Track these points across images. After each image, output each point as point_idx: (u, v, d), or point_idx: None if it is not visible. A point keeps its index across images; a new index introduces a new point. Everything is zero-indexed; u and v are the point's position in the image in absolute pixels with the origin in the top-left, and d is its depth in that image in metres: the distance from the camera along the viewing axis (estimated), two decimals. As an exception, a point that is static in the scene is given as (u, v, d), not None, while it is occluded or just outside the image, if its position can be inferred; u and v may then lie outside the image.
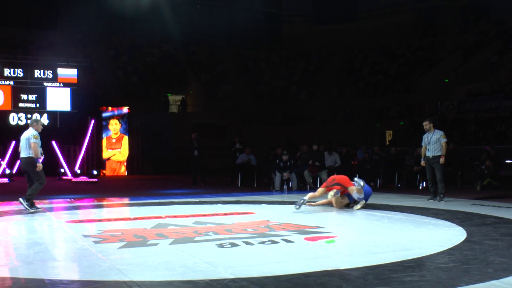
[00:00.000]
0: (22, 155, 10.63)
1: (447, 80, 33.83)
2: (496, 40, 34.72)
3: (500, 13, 37.79)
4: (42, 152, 10.70)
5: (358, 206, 10.87)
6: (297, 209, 10.61)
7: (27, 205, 10.47)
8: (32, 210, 10.50)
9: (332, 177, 11.76)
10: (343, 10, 44.62)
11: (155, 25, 40.80)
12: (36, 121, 10.98)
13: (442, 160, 12.44)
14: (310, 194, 11.17)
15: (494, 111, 26.44)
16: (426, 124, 12.78)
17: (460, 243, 6.86)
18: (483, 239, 7.15)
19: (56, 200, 13.28)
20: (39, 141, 10.59)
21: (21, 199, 10.55)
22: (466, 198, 13.15)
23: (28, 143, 10.51)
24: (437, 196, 12.52)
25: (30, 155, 10.50)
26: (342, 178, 11.38)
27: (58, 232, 8.41)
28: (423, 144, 12.87)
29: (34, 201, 10.73)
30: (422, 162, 13.01)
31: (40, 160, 10.59)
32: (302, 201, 10.74)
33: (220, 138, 29.77)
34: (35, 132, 10.64)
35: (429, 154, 12.61)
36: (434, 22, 42.09)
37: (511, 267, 5.49)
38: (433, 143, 12.54)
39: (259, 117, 35.39)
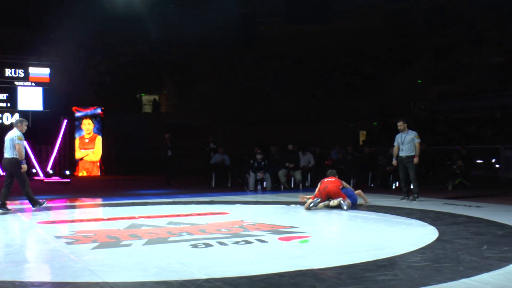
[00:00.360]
0: (6, 155, 10.60)
1: (419, 81, 34.25)
2: (465, 42, 35.24)
3: (469, 16, 38.37)
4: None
5: (335, 202, 10.87)
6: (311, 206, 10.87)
7: (38, 206, 10.95)
8: (2, 211, 10.45)
9: (324, 186, 11.21)
10: (316, 11, 44.83)
11: (128, 25, 40.48)
12: (21, 121, 10.95)
13: (416, 160, 12.55)
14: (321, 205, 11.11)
15: (464, 112, 26.84)
16: (401, 125, 12.84)
17: (432, 242, 6.94)
18: (454, 238, 7.24)
19: (27, 201, 13.08)
20: (23, 142, 10.61)
21: (33, 208, 10.92)
22: (438, 197, 13.31)
23: (12, 144, 10.50)
24: (410, 196, 12.62)
25: (14, 156, 10.47)
26: (334, 190, 11.11)
27: (29, 233, 8.30)
28: (395, 144, 12.90)
29: (6, 202, 10.72)
30: (394, 162, 13.09)
31: (24, 162, 10.63)
32: (312, 204, 10.92)
33: (193, 139, 29.66)
34: (19, 133, 10.62)
35: (403, 154, 12.67)
36: (405, 24, 42.52)
37: (481, 266, 5.57)
38: (407, 143, 12.61)
39: (232, 118, 35.35)
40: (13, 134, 10.55)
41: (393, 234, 7.91)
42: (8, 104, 24.06)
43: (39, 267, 5.92)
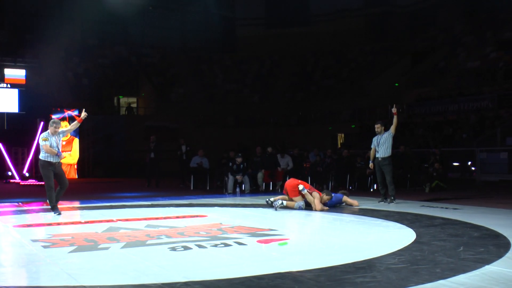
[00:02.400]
0: None
1: (397, 84, 34.52)
2: (443, 46, 35.63)
3: (447, 20, 38.84)
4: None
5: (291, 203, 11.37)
6: (276, 210, 11.11)
7: (57, 213, 10.62)
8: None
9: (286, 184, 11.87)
10: (296, 14, 45.03)
11: (107, 26, 40.27)
12: (52, 122, 10.87)
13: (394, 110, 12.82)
14: (287, 203, 11.41)
15: (442, 115, 27.12)
16: (378, 127, 12.85)
17: (409, 244, 6.98)
18: (432, 240, 7.30)
19: (2, 204, 12.94)
20: (48, 142, 10.60)
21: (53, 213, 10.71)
22: (415, 200, 13.41)
23: (40, 146, 10.65)
24: (388, 198, 12.69)
25: (40, 158, 10.61)
26: (291, 184, 11.62)
27: (4, 237, 8.17)
28: (372, 146, 12.93)
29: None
30: (370, 165, 13.10)
31: (60, 154, 10.75)
32: (280, 203, 11.20)
33: (172, 141, 29.56)
34: (44, 134, 10.68)
35: (379, 155, 12.68)
36: (384, 28, 42.90)
37: (458, 267, 5.62)
38: (382, 144, 12.63)
39: (212, 120, 35.35)
40: (40, 136, 10.74)
41: (371, 236, 7.94)
42: (-17, 106, 23.77)
43: (15, 271, 5.84)
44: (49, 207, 10.84)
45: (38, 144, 23.37)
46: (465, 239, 7.34)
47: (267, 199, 11.83)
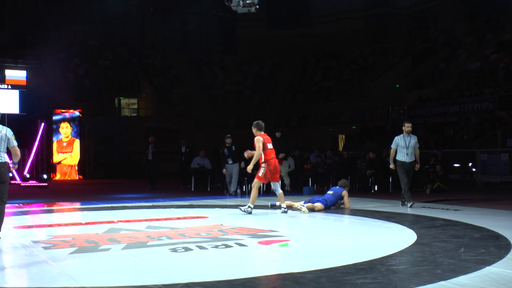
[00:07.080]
0: None
1: (397, 86, 34.52)
2: (443, 48, 35.63)
3: (447, 22, 38.85)
4: None
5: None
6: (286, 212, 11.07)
7: None
8: None
9: None
10: (296, 16, 45.01)
11: (107, 28, 40.28)
12: None
13: (418, 166, 12.20)
14: (288, 203, 11.39)
15: (442, 116, 27.10)
16: (409, 126, 12.13)
17: (410, 246, 6.98)
18: (432, 241, 7.30)
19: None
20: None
21: None
22: (416, 201, 13.38)
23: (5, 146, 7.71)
24: (405, 200, 12.24)
25: (7, 162, 7.77)
26: None
27: (5, 238, 8.16)
28: (394, 146, 12.21)
29: None
30: (392, 166, 12.43)
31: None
32: (285, 210, 11.13)
33: (173, 143, 29.59)
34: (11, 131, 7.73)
35: (408, 159, 12.05)
36: (385, 29, 42.88)
37: (458, 268, 5.62)
38: (412, 147, 12.06)
39: (213, 121, 35.36)
40: (7, 131, 7.71)
41: (372, 237, 7.94)
42: (-16, 107, 23.74)
43: (16, 273, 5.84)
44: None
45: (39, 146, 23.50)
46: (466, 240, 7.34)
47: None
